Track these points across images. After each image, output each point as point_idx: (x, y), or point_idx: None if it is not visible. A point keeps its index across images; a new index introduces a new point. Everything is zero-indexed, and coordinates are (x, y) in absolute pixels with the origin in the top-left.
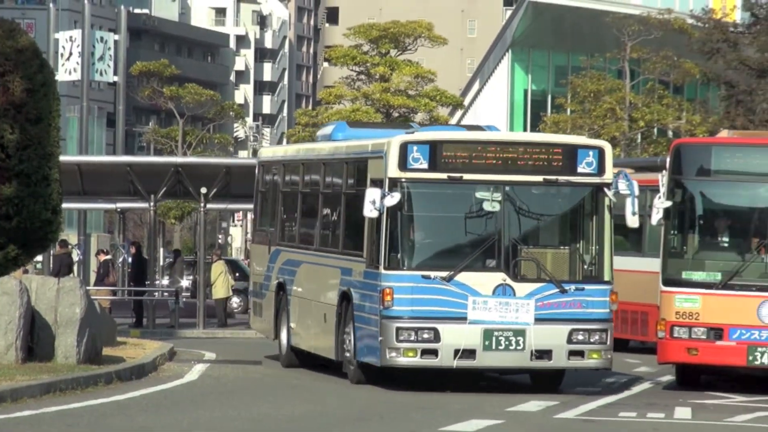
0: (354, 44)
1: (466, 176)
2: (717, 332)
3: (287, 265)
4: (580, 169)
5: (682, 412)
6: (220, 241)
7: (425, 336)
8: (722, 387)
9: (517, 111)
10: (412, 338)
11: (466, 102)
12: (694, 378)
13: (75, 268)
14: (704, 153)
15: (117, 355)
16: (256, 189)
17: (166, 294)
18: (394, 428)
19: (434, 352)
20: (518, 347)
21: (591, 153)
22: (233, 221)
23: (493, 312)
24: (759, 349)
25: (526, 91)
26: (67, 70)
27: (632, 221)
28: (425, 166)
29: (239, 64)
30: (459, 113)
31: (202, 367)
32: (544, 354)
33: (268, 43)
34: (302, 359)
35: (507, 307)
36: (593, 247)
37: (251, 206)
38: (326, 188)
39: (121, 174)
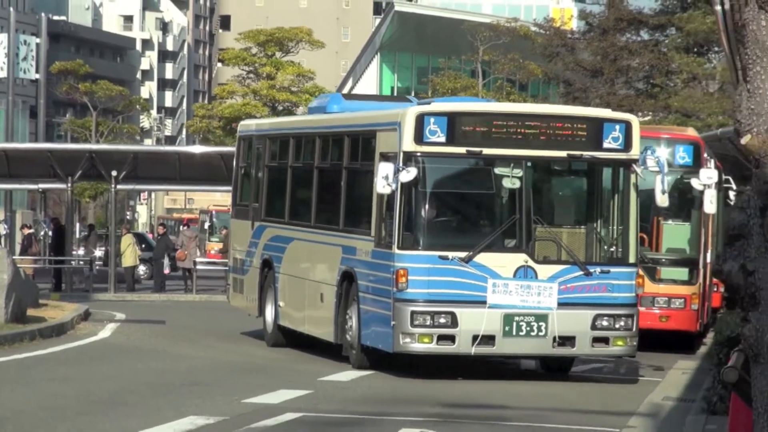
0: (244, 47)
1: (486, 151)
2: None
3: (274, 241)
4: (605, 144)
5: None
6: (128, 217)
7: (442, 321)
8: None
9: None
10: (428, 323)
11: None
12: None
13: (2, 240)
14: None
15: (39, 316)
16: (236, 163)
17: (81, 263)
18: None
19: (451, 338)
20: (540, 333)
21: (617, 127)
22: (140, 200)
23: (514, 295)
24: None
25: (392, 89)
26: None
27: (662, 200)
28: (443, 139)
29: (144, 64)
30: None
31: (113, 326)
32: (566, 341)
33: (170, 46)
34: (289, 339)
35: (529, 290)
36: (619, 228)
37: (157, 187)
38: (323, 162)
39: (43, 159)
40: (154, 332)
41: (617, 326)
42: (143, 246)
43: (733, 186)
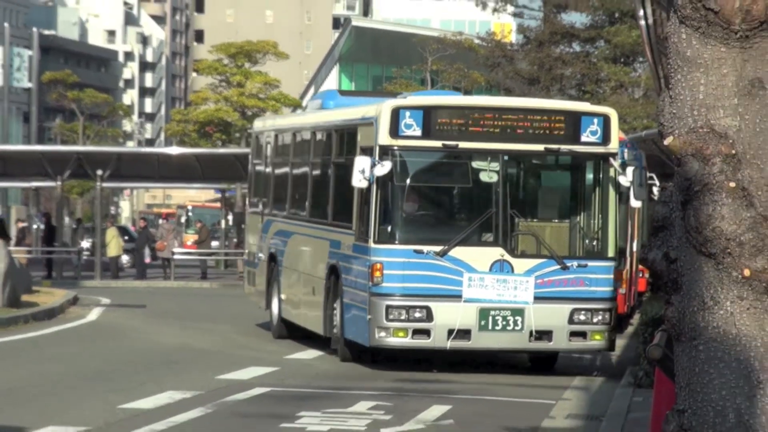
0: (216, 59)
1: (462, 144)
2: None
3: (278, 235)
4: (583, 138)
5: None
6: (112, 211)
7: (417, 315)
8: None
9: None
10: (403, 317)
11: (304, 104)
12: None
13: None
14: None
15: (33, 301)
16: (251, 160)
17: (70, 253)
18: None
19: (426, 332)
20: (516, 327)
21: (596, 120)
22: (123, 196)
23: (490, 290)
24: None
25: None
26: None
27: (639, 194)
28: (418, 133)
29: (126, 74)
30: (299, 111)
31: (99, 310)
32: (543, 335)
33: (149, 58)
34: (292, 331)
35: (505, 284)
36: (597, 222)
37: (138, 185)
38: (315, 158)
39: (35, 159)
40: (136, 315)
41: (595, 320)
42: (126, 238)
43: (657, 182)
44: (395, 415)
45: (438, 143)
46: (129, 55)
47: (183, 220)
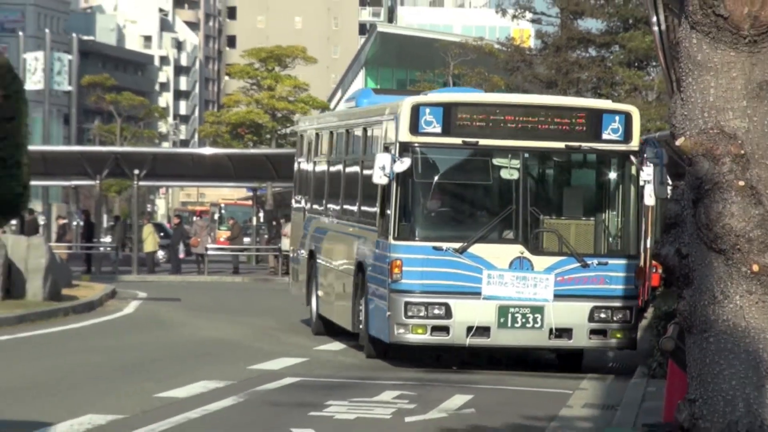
0: (248, 63)
1: (483, 141)
2: None
3: (317, 232)
4: (605, 136)
5: None
6: (148, 209)
7: (436, 312)
8: None
9: None
10: (422, 314)
11: (332, 106)
12: None
13: (40, 229)
14: None
15: (72, 295)
16: (295, 157)
17: (109, 249)
18: (228, 359)
19: (445, 329)
20: (536, 325)
21: (617, 118)
22: (158, 195)
23: (510, 287)
24: None
25: None
26: (33, 82)
27: (660, 192)
28: (438, 130)
29: (162, 78)
30: (337, 109)
31: (136, 303)
32: (563, 332)
33: (184, 62)
34: (328, 328)
35: (524, 281)
36: (618, 219)
37: (173, 183)
38: (347, 155)
39: (75, 159)
40: (171, 308)
41: (615, 319)
42: (162, 234)
43: (669, 181)
44: (419, 404)
45: (458, 140)
46: (164, 60)
47: (216, 217)
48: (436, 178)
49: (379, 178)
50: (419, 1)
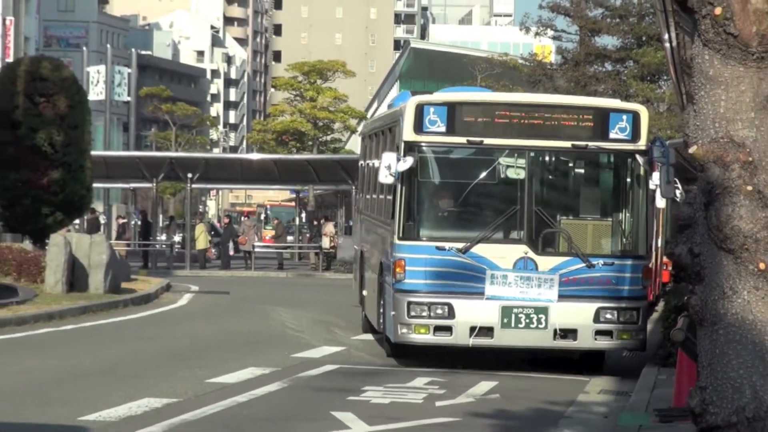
0: (292, 76)
1: (487, 141)
2: None
3: (364, 233)
4: (612, 135)
5: None
6: (201, 210)
7: (439, 312)
8: None
9: None
10: (425, 314)
11: (368, 116)
12: None
13: (101, 228)
14: None
15: (131, 288)
16: (360, 161)
17: (164, 246)
18: (270, 348)
19: (448, 329)
20: (540, 325)
21: (625, 117)
22: (210, 196)
23: (513, 287)
24: None
25: None
26: (95, 93)
27: (666, 191)
28: (443, 129)
29: (213, 89)
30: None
31: (189, 296)
32: (568, 333)
33: (233, 75)
34: (371, 326)
35: (528, 282)
36: (625, 219)
37: (223, 186)
38: (380, 156)
39: (133, 164)
40: (221, 301)
41: (622, 319)
42: (212, 233)
43: (680, 186)
44: (448, 390)
45: (462, 139)
46: (215, 73)
47: (262, 217)
48: (440, 177)
49: (385, 178)
50: (449, 19)
